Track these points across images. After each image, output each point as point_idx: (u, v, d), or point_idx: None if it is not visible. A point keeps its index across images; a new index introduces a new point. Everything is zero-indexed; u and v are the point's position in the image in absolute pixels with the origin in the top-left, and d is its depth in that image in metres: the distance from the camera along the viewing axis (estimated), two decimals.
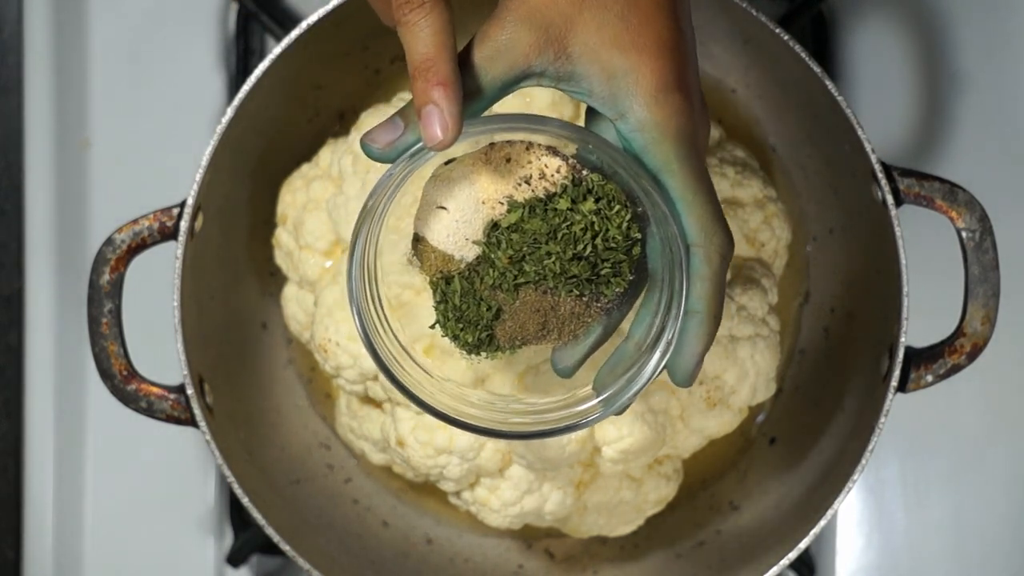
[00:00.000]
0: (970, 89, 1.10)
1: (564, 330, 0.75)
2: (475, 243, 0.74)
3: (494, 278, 0.74)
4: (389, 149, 0.72)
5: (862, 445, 0.93)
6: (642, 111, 0.71)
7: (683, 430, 0.97)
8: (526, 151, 0.74)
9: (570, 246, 0.73)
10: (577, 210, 0.73)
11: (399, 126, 0.72)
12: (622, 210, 0.73)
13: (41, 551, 1.11)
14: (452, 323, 0.76)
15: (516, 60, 0.71)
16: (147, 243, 0.94)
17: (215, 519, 1.11)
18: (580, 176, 0.74)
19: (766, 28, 0.94)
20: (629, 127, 0.71)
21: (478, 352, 0.76)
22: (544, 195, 0.73)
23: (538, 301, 0.74)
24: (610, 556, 1.05)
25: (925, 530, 1.11)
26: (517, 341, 0.76)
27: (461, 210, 0.74)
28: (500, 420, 0.77)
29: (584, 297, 0.74)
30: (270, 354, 1.07)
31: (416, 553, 1.06)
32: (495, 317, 0.75)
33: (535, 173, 0.74)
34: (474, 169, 0.74)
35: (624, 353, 0.76)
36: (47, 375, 1.11)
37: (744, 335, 0.95)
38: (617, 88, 0.71)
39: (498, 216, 0.74)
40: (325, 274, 0.98)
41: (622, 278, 0.74)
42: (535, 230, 0.73)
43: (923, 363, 0.93)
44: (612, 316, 0.76)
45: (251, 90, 0.94)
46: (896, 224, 0.92)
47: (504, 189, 0.74)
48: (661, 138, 0.71)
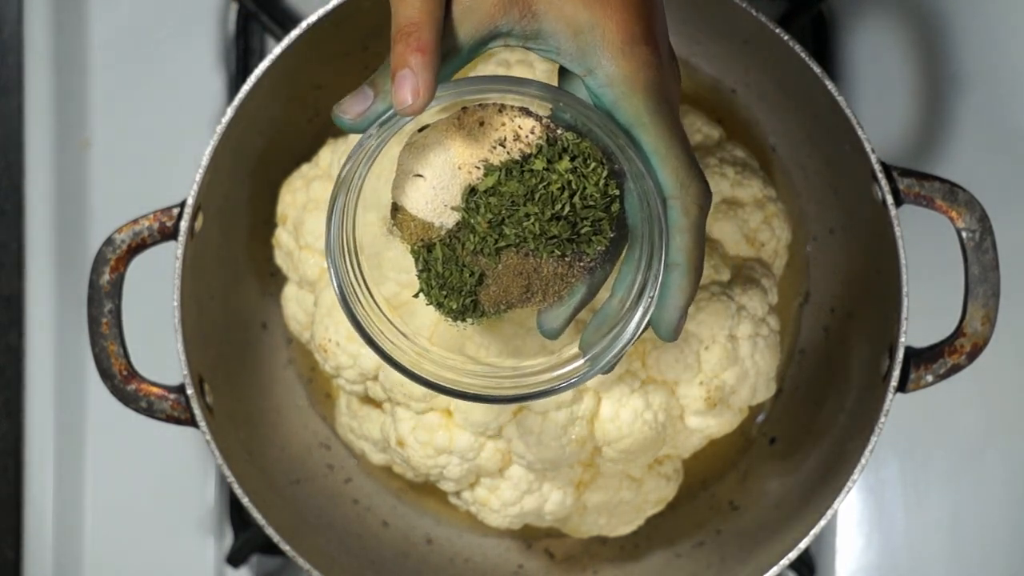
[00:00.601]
0: (970, 89, 1.10)
1: (548, 292, 0.75)
2: (454, 209, 0.74)
3: (475, 243, 0.74)
4: (360, 119, 0.72)
5: (862, 445, 0.93)
6: (610, 65, 0.71)
7: (683, 430, 0.97)
8: (499, 113, 0.74)
9: (548, 206, 0.73)
10: (553, 169, 0.73)
11: (369, 96, 0.72)
12: (598, 167, 0.73)
13: (41, 551, 1.11)
14: (436, 291, 0.76)
15: (481, 21, 0.70)
16: (147, 243, 0.94)
17: (215, 519, 1.11)
18: (555, 136, 0.74)
19: (766, 28, 0.94)
20: (598, 82, 0.71)
21: (463, 318, 0.76)
22: (520, 157, 0.73)
23: (520, 264, 0.74)
24: (610, 556, 1.05)
25: (925, 530, 1.11)
26: (502, 305, 0.76)
27: (438, 177, 0.74)
28: (484, 385, 0.77)
29: (566, 257, 0.74)
30: (270, 354, 1.07)
31: (416, 553, 1.06)
32: (478, 282, 0.75)
33: (509, 135, 0.73)
34: (448, 135, 0.74)
35: (608, 311, 0.76)
36: (47, 375, 1.11)
37: (744, 335, 0.95)
38: (584, 43, 0.71)
39: (475, 181, 0.73)
40: (325, 274, 0.98)
41: (603, 236, 0.74)
42: (512, 192, 0.73)
43: (923, 363, 0.93)
44: (595, 275, 0.76)
45: (251, 90, 0.94)
46: (896, 224, 0.92)
47: (479, 153, 0.74)
48: (630, 92, 0.71)
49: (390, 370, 0.92)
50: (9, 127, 1.11)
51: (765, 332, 0.96)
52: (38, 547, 1.11)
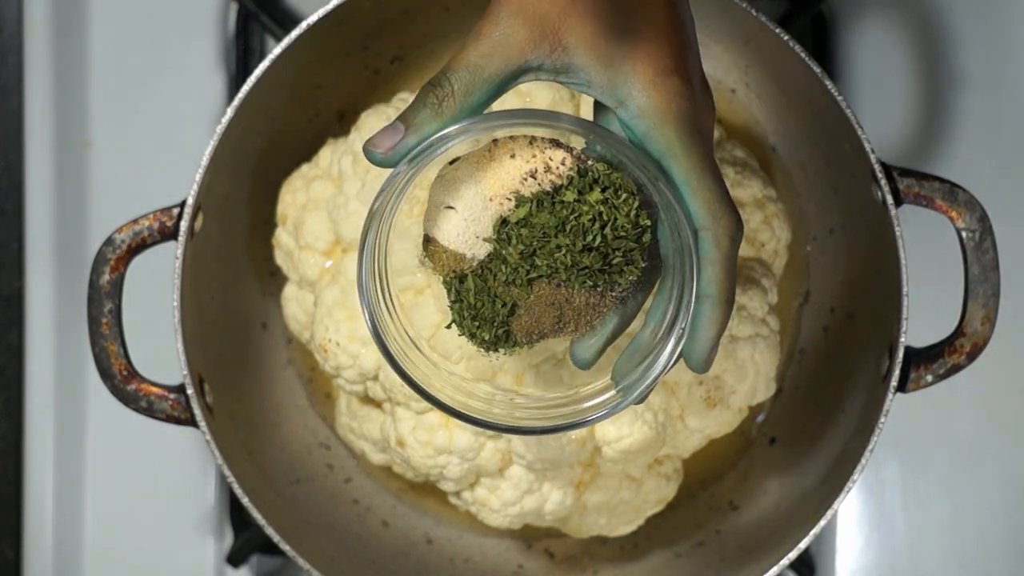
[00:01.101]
0: (970, 89, 1.10)
1: (580, 322, 0.75)
2: (485, 240, 0.74)
3: (507, 274, 0.74)
4: (391, 153, 0.72)
5: (862, 445, 0.93)
6: (641, 97, 0.71)
7: (683, 430, 0.97)
8: (529, 145, 0.74)
9: (579, 237, 0.73)
10: (584, 201, 0.73)
11: (400, 130, 0.72)
12: (630, 198, 0.73)
13: (41, 551, 1.11)
14: (468, 321, 0.76)
15: (512, 56, 0.71)
16: (147, 243, 0.93)
17: (215, 519, 1.11)
18: (586, 167, 0.74)
19: (766, 28, 0.94)
20: (630, 114, 0.71)
21: (496, 349, 0.76)
22: (551, 188, 0.73)
23: (552, 294, 0.74)
24: (610, 556, 1.05)
25: (925, 530, 1.11)
26: (534, 335, 0.76)
27: (469, 208, 0.74)
28: (507, 415, 0.77)
29: (598, 288, 0.74)
30: (270, 354, 1.07)
31: (416, 553, 1.06)
32: (510, 313, 0.75)
33: (540, 167, 0.74)
34: (479, 167, 0.74)
35: (641, 342, 0.76)
36: (47, 375, 1.11)
37: (744, 335, 0.95)
38: (615, 76, 0.71)
39: (506, 212, 0.74)
40: (325, 274, 0.98)
41: (634, 266, 0.74)
42: (543, 223, 0.73)
43: (923, 363, 0.93)
44: (628, 305, 0.76)
45: (251, 90, 0.94)
46: (896, 224, 0.92)
47: (510, 185, 0.74)
48: (662, 123, 0.71)
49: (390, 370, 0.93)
50: (9, 127, 1.11)
51: (765, 332, 0.96)
52: (38, 547, 1.11)
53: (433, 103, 0.71)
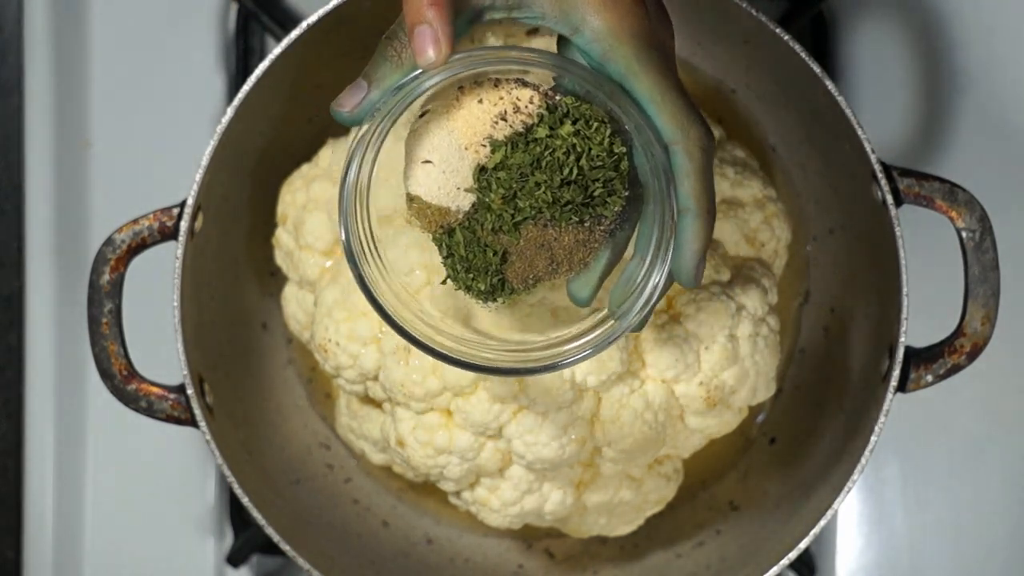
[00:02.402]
0: (970, 89, 1.10)
1: (573, 260, 0.75)
2: (467, 191, 0.74)
3: (493, 221, 0.74)
4: (357, 110, 0.72)
5: (862, 445, 0.93)
6: (594, 19, 0.71)
7: (683, 430, 0.97)
8: (495, 88, 0.74)
9: (556, 172, 0.73)
10: (556, 135, 0.73)
11: (363, 87, 0.72)
12: (601, 127, 0.73)
13: (41, 551, 1.11)
14: (462, 274, 0.76)
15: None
16: (147, 243, 0.93)
17: (215, 519, 1.11)
18: (554, 102, 0.74)
19: (766, 28, 0.94)
20: (585, 39, 0.71)
21: (494, 298, 0.76)
22: (523, 128, 0.73)
23: (541, 236, 0.74)
24: (610, 556, 1.05)
25: (925, 530, 1.11)
26: (530, 280, 0.75)
27: (446, 160, 0.74)
28: (518, 359, 0.76)
29: (585, 223, 0.74)
30: (270, 354, 1.07)
31: (416, 553, 1.06)
32: (503, 260, 0.75)
33: (509, 108, 0.73)
34: (449, 116, 0.74)
35: (633, 270, 0.75)
36: (47, 375, 1.11)
37: (744, 335, 0.95)
38: (566, 2, 0.71)
39: (483, 159, 0.74)
40: (325, 274, 0.98)
41: (617, 196, 0.74)
42: (520, 164, 0.73)
43: (923, 363, 0.93)
44: (617, 237, 0.76)
45: (251, 90, 0.94)
46: (896, 224, 0.92)
47: (483, 130, 0.74)
48: (617, 43, 0.71)
49: (390, 370, 0.93)
50: (9, 127, 1.11)
51: (765, 332, 0.96)
52: (38, 547, 1.11)
53: (392, 55, 0.71)
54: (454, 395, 0.92)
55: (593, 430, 0.93)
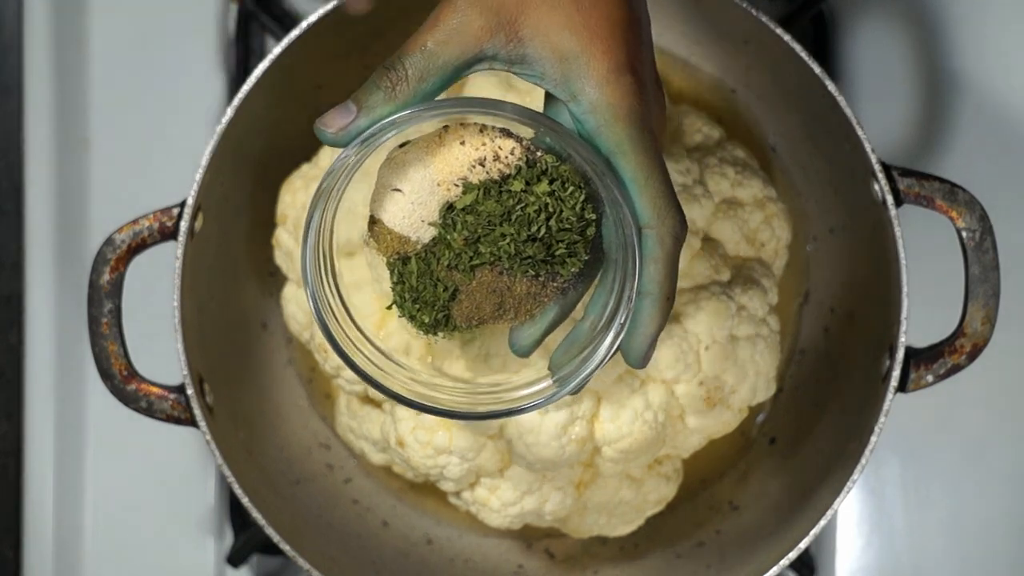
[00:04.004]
0: (970, 89, 1.10)
1: (520, 310, 0.76)
2: (431, 224, 0.74)
3: (450, 259, 0.74)
4: (342, 134, 0.72)
5: (862, 445, 0.93)
6: (594, 93, 0.71)
7: (683, 430, 0.97)
8: (480, 133, 0.74)
9: (524, 227, 0.73)
10: (531, 191, 0.73)
11: (351, 111, 0.72)
12: (576, 191, 0.74)
13: (41, 551, 1.11)
14: (409, 304, 0.76)
15: (468, 44, 0.71)
16: (147, 243, 0.94)
17: (215, 519, 1.11)
18: (534, 158, 0.74)
19: (766, 28, 0.94)
20: (581, 109, 0.72)
21: (435, 332, 0.77)
22: (499, 177, 0.74)
23: (494, 281, 0.74)
24: (610, 556, 1.05)
25: (925, 530, 1.11)
26: (473, 321, 0.76)
27: (416, 192, 0.74)
28: (457, 401, 0.77)
29: (540, 277, 0.75)
30: (270, 354, 1.07)
31: (416, 553, 1.06)
32: (451, 297, 0.75)
33: (489, 155, 0.74)
34: (429, 151, 0.74)
35: (579, 333, 0.76)
36: (47, 375, 1.11)
37: (744, 335, 0.95)
38: (569, 70, 0.71)
39: (453, 198, 0.74)
40: None
41: (577, 259, 0.74)
42: (490, 211, 0.73)
43: (923, 363, 0.93)
44: (568, 296, 0.76)
45: (251, 90, 0.94)
46: (896, 224, 0.92)
47: (459, 171, 0.74)
48: (613, 120, 0.71)
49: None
50: (9, 127, 1.11)
51: (765, 332, 0.96)
52: (38, 547, 1.11)
53: (387, 86, 0.71)
54: None
55: (593, 430, 0.93)
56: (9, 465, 1.12)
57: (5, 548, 1.13)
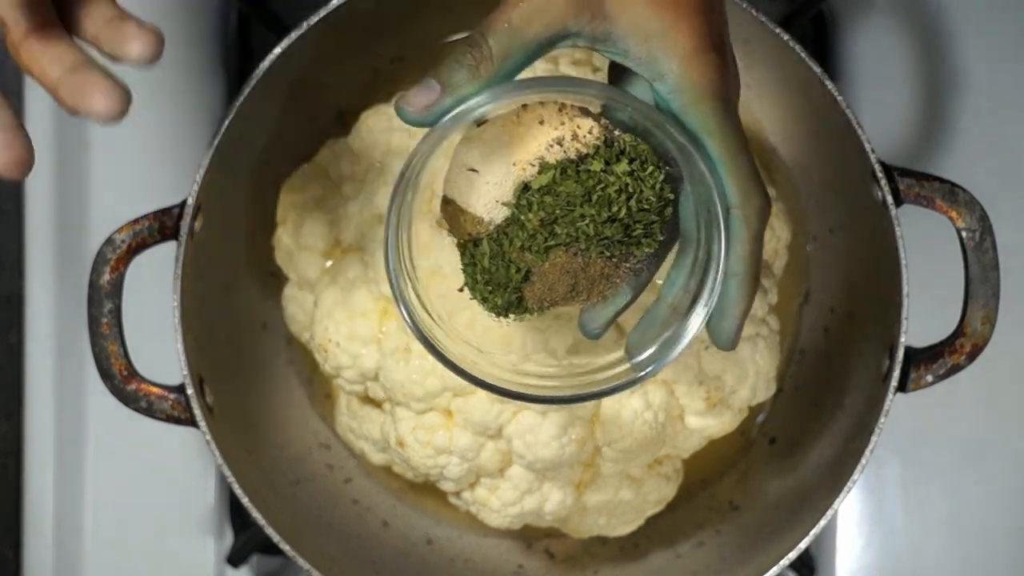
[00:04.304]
0: (970, 89, 1.10)
1: (593, 291, 0.75)
2: (505, 205, 0.73)
3: (524, 240, 0.73)
4: (426, 113, 0.70)
5: (862, 445, 0.93)
6: (681, 72, 0.70)
7: (683, 430, 0.97)
8: (558, 112, 0.73)
9: (605, 208, 0.72)
10: (611, 171, 0.72)
11: (435, 89, 0.70)
12: (656, 171, 0.73)
13: (41, 551, 1.11)
14: (481, 286, 0.75)
15: (553, 20, 0.69)
16: (147, 243, 0.93)
17: (215, 519, 1.11)
18: (613, 137, 0.73)
19: (766, 28, 0.94)
20: (668, 88, 0.71)
21: (506, 314, 0.76)
22: (576, 156, 0.73)
23: (568, 262, 0.73)
24: (610, 556, 1.05)
25: (925, 530, 1.11)
26: (546, 303, 0.75)
27: (492, 172, 0.73)
28: (527, 384, 0.76)
29: (614, 258, 0.74)
30: (270, 354, 1.07)
31: (416, 553, 1.06)
32: (524, 279, 0.74)
33: (567, 135, 0.73)
34: (506, 131, 0.73)
35: (657, 315, 0.75)
36: (47, 375, 1.11)
37: (744, 335, 0.95)
38: (654, 49, 0.70)
39: (529, 178, 0.73)
40: (325, 274, 0.98)
41: (653, 239, 0.73)
42: (569, 192, 0.72)
43: (923, 363, 0.93)
44: (641, 277, 0.75)
45: (251, 91, 0.94)
46: (896, 224, 0.92)
47: (536, 151, 0.73)
48: (699, 99, 0.70)
49: (390, 370, 0.93)
50: None
51: (765, 332, 0.96)
52: (38, 547, 1.11)
53: (471, 64, 0.70)
54: (454, 395, 0.92)
55: (593, 430, 0.93)
56: (9, 465, 1.12)
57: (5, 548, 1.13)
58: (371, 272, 0.94)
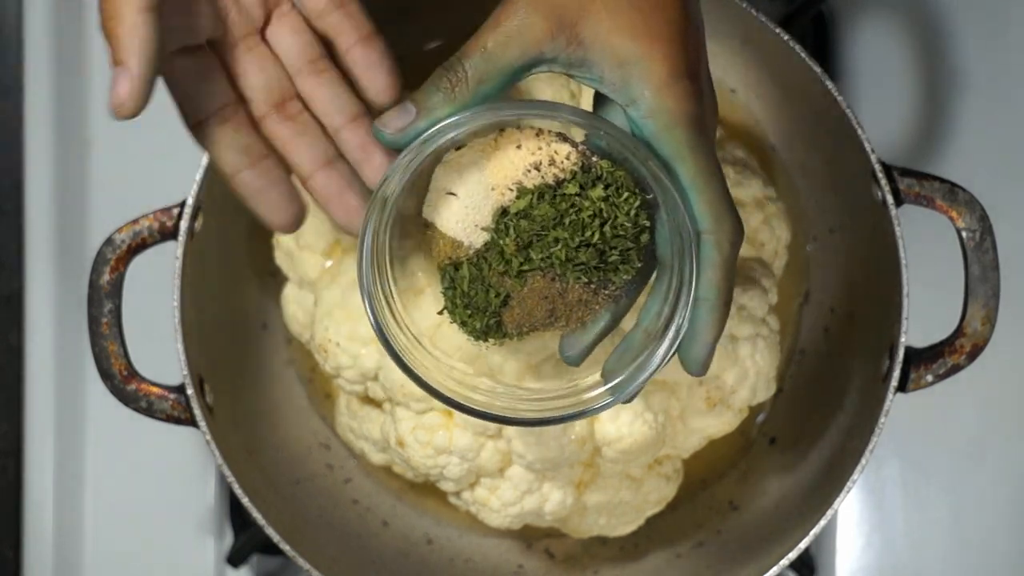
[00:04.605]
0: (970, 89, 1.10)
1: (572, 317, 0.75)
2: (484, 229, 0.74)
3: (502, 264, 0.74)
4: (400, 135, 0.72)
5: (862, 445, 0.93)
6: (654, 98, 0.71)
7: (683, 430, 0.97)
8: (536, 137, 0.74)
9: (578, 233, 0.72)
10: (586, 196, 0.73)
11: (411, 112, 0.72)
12: (631, 197, 0.73)
13: (41, 551, 1.11)
14: (460, 309, 0.76)
15: (528, 46, 0.70)
16: (147, 243, 0.94)
17: (215, 519, 1.11)
18: (590, 163, 0.74)
19: (766, 28, 0.94)
20: (640, 114, 0.71)
21: (485, 338, 0.76)
22: (554, 181, 0.73)
23: (546, 288, 0.74)
24: (610, 556, 1.05)
25: (925, 530, 1.11)
26: (524, 327, 0.75)
27: (471, 196, 0.74)
28: (507, 407, 0.77)
29: (592, 284, 0.74)
30: (270, 354, 1.07)
31: (416, 553, 1.06)
32: (503, 303, 0.75)
33: (545, 159, 0.73)
34: (484, 155, 0.74)
35: (633, 341, 0.75)
36: (47, 375, 1.11)
37: (744, 335, 0.95)
38: (629, 75, 0.71)
39: (507, 202, 0.73)
40: (325, 274, 0.98)
41: (630, 265, 0.74)
42: (543, 216, 0.72)
43: (923, 363, 0.93)
44: (620, 303, 0.75)
45: None
46: (896, 224, 0.92)
47: (514, 175, 0.73)
48: (672, 125, 0.71)
49: (390, 370, 0.93)
50: (9, 127, 1.11)
51: (765, 332, 0.96)
52: (38, 547, 1.11)
53: (446, 88, 0.71)
54: None
55: (593, 430, 0.93)
56: (9, 465, 1.12)
57: (5, 548, 1.13)
58: None
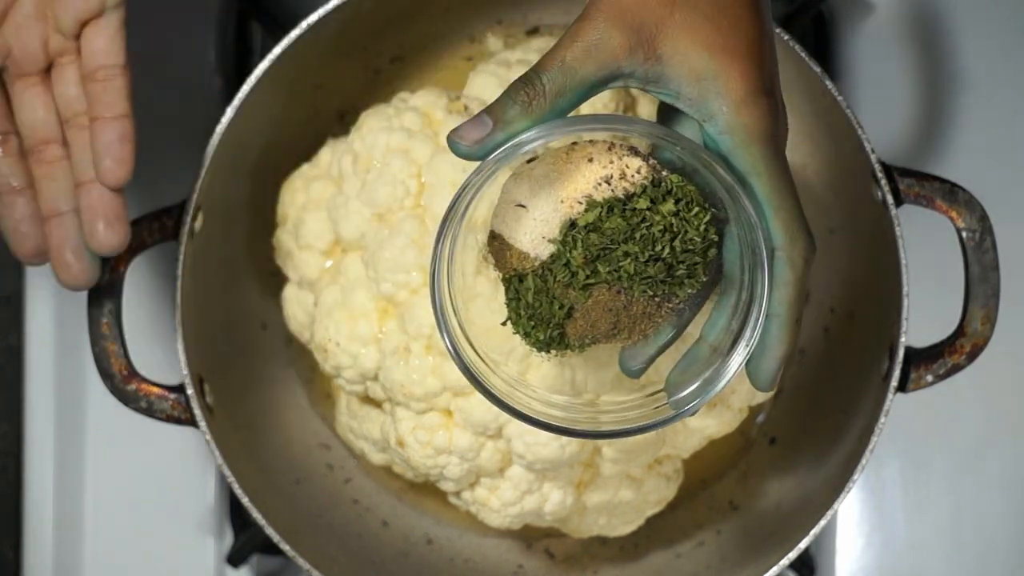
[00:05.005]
0: (970, 89, 1.10)
1: (635, 330, 0.75)
2: (551, 241, 0.74)
3: (568, 277, 0.73)
4: (477, 147, 0.71)
5: (862, 445, 0.93)
6: (731, 114, 0.71)
7: (683, 430, 0.97)
8: (608, 151, 0.74)
9: (648, 247, 0.72)
10: (656, 211, 0.73)
11: (487, 124, 0.71)
12: (701, 212, 0.73)
13: (41, 551, 1.11)
14: (524, 320, 0.75)
15: (606, 60, 0.70)
16: (147, 243, 0.94)
17: (215, 519, 1.11)
18: (660, 177, 0.73)
19: None
20: (718, 129, 0.71)
21: (548, 350, 0.76)
22: (623, 195, 0.73)
23: (611, 300, 0.74)
24: (610, 556, 1.05)
25: (925, 530, 1.11)
26: (587, 339, 0.75)
27: (540, 208, 0.73)
28: (589, 420, 0.77)
29: (657, 297, 0.74)
30: (270, 354, 1.07)
31: (416, 553, 1.06)
32: (567, 315, 0.75)
33: (616, 173, 0.73)
34: (555, 168, 0.74)
35: (698, 355, 0.75)
36: (47, 375, 1.11)
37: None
38: (706, 91, 0.71)
39: (576, 215, 0.73)
40: (325, 274, 0.98)
41: (696, 279, 0.74)
42: (613, 230, 0.72)
43: (923, 363, 0.93)
44: (683, 317, 0.75)
45: (251, 90, 0.94)
46: (896, 224, 0.92)
47: (584, 188, 0.73)
48: (749, 141, 0.71)
49: (390, 370, 0.93)
50: None
51: None
52: (38, 547, 1.11)
53: (524, 101, 0.71)
54: (454, 395, 0.92)
55: None
56: (9, 465, 1.12)
57: (5, 548, 1.13)
58: (371, 272, 0.94)
